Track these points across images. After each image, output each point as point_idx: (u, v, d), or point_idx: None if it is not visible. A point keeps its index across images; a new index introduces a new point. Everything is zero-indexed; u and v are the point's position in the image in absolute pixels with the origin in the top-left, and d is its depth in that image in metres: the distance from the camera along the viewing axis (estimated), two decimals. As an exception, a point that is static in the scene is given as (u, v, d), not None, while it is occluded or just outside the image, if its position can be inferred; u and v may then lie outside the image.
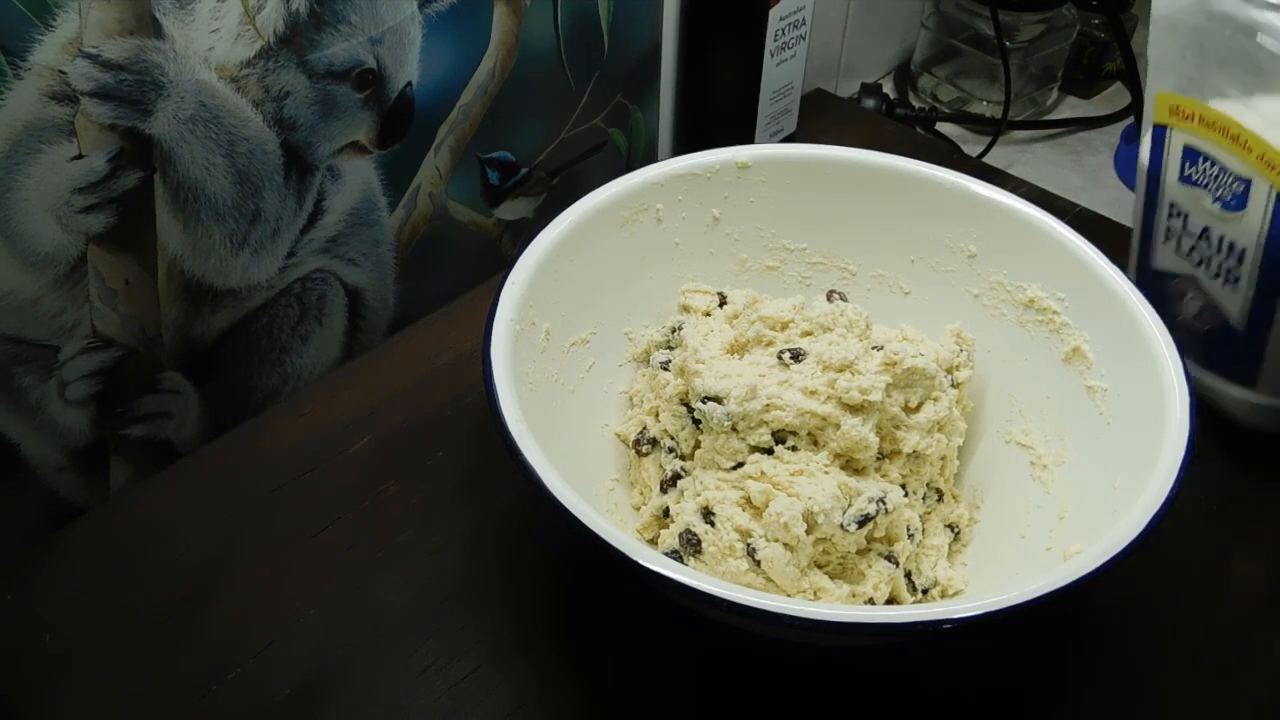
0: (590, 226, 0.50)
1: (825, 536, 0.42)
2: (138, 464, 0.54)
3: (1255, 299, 0.52)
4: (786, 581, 0.41)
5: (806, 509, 0.41)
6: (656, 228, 0.52)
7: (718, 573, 0.42)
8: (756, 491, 0.42)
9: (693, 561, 0.43)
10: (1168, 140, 0.56)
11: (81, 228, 0.47)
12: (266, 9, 0.48)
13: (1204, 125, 0.53)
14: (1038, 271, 0.49)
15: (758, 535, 0.42)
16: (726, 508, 0.43)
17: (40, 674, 0.45)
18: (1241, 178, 0.52)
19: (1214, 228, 0.54)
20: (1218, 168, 0.53)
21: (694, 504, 0.44)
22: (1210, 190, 0.54)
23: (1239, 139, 0.51)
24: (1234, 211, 0.53)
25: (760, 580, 0.42)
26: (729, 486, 0.44)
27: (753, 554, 0.41)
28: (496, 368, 0.42)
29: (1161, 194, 0.57)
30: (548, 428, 0.42)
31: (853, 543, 0.43)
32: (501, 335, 0.43)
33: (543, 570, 0.49)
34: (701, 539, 0.43)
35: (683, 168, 0.53)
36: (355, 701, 0.44)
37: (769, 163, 0.53)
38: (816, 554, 0.43)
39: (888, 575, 0.44)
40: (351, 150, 0.55)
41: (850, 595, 0.43)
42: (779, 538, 0.41)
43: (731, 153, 0.53)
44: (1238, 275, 0.53)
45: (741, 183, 0.53)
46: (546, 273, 0.47)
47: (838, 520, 0.42)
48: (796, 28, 0.68)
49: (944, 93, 0.91)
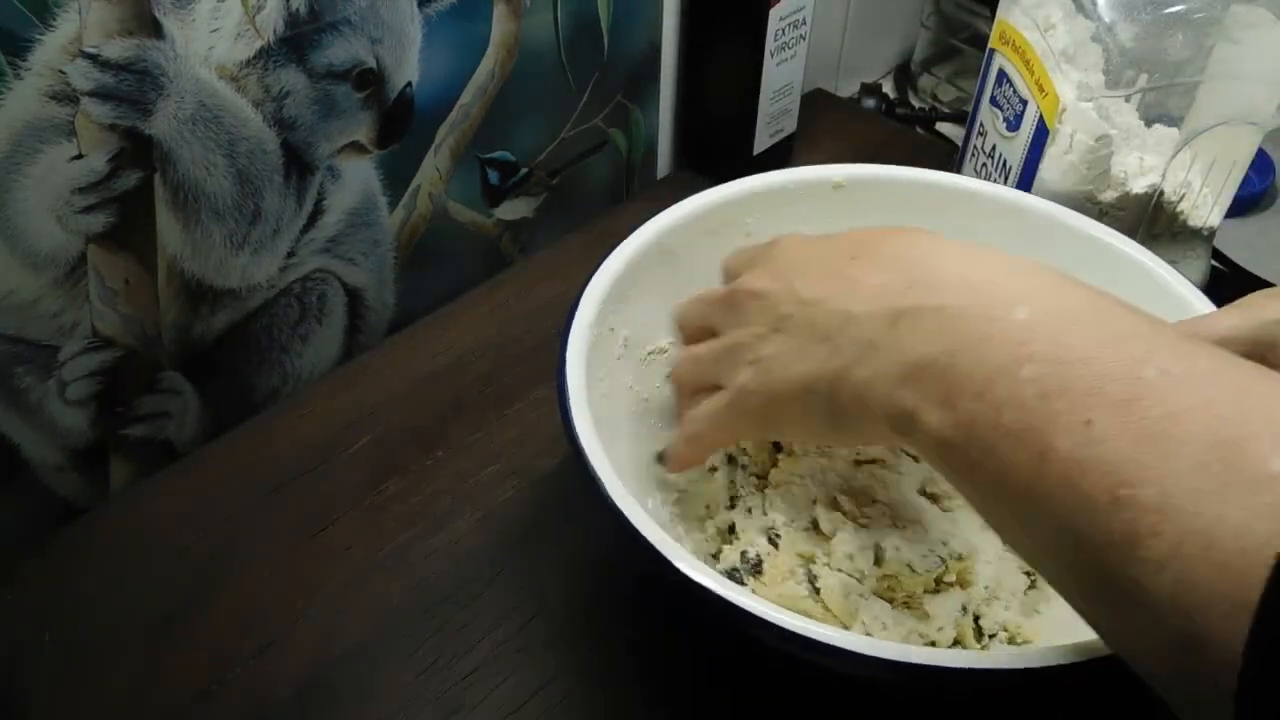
0: (674, 236, 0.49)
1: (893, 573, 0.41)
2: (138, 464, 0.54)
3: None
4: (844, 612, 0.40)
5: (876, 542, 0.40)
6: (746, 242, 0.51)
7: (776, 595, 0.41)
8: (825, 520, 0.41)
9: (752, 581, 0.42)
10: (993, 64, 0.59)
11: (81, 228, 0.47)
12: (266, 9, 0.48)
13: (1013, 49, 0.56)
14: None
15: (821, 562, 0.41)
16: (792, 531, 0.42)
17: (40, 673, 0.45)
18: (1023, 99, 0.55)
19: (999, 146, 0.58)
20: (1012, 89, 0.56)
21: (759, 523, 0.43)
22: (1003, 110, 0.58)
23: (1029, 63, 0.54)
24: (1012, 131, 0.56)
25: (818, 608, 0.40)
26: (799, 510, 0.43)
27: (813, 581, 0.40)
28: (571, 374, 0.41)
29: (978, 114, 0.61)
30: (616, 435, 0.41)
31: (920, 583, 0.42)
32: (579, 340, 0.43)
33: (544, 570, 0.49)
34: (763, 560, 0.42)
35: (775, 183, 0.52)
36: (355, 701, 0.44)
37: (863, 183, 0.52)
38: (881, 588, 0.41)
39: (954, 619, 0.42)
40: (351, 150, 0.55)
41: (911, 633, 0.41)
42: (843, 568, 0.40)
43: (826, 171, 0.52)
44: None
45: (834, 202, 0.52)
46: (627, 280, 0.46)
47: (906, 560, 0.41)
48: (796, 28, 0.68)
49: (944, 93, 0.91)
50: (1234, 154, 0.57)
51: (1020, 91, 0.55)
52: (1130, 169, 0.55)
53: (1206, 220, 0.60)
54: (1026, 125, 0.55)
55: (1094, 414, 0.27)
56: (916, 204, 0.52)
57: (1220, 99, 0.54)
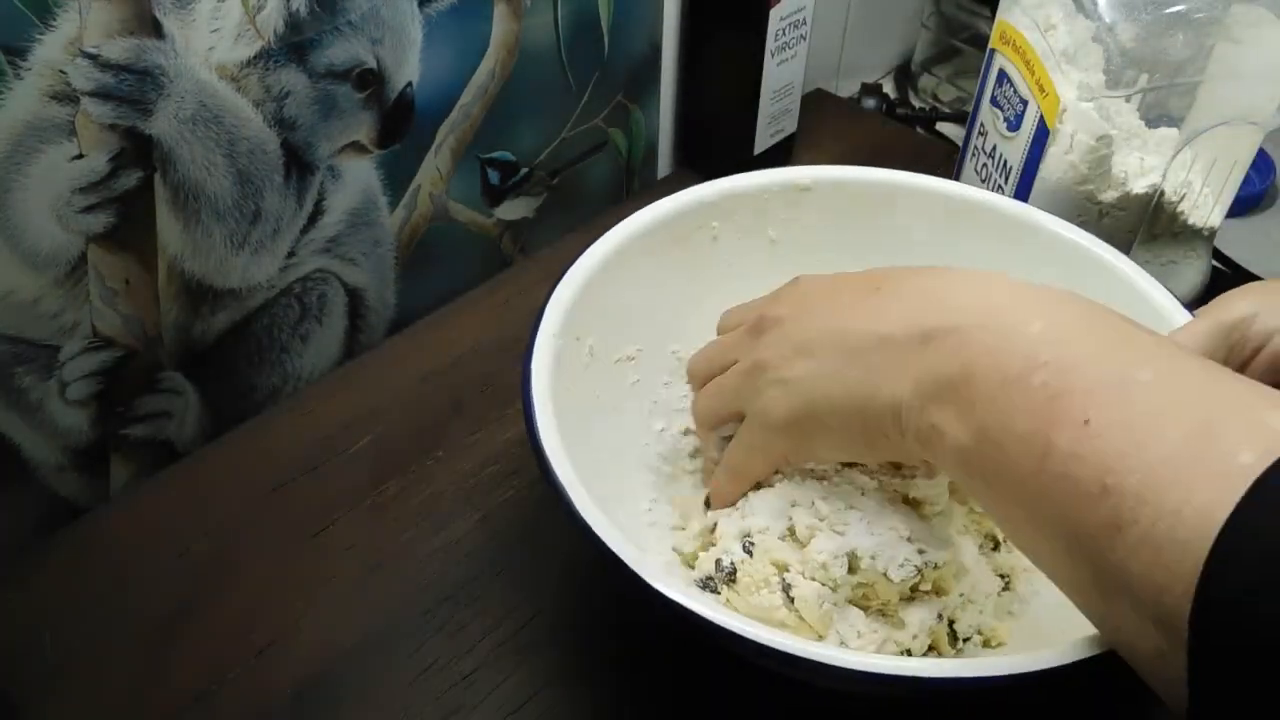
0: (641, 243, 0.48)
1: (868, 582, 0.41)
2: (138, 464, 0.54)
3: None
4: (818, 621, 0.40)
5: (851, 550, 0.40)
6: (712, 247, 0.51)
7: (750, 605, 0.41)
8: (803, 525, 0.41)
9: (726, 590, 0.42)
10: (993, 64, 0.59)
11: (82, 227, 0.47)
12: (267, 9, 0.48)
13: (1013, 49, 0.56)
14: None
15: (795, 570, 0.40)
16: (767, 538, 0.41)
17: (40, 674, 0.45)
18: (1023, 99, 0.55)
19: (999, 146, 0.58)
20: (1012, 89, 0.57)
21: (736, 528, 0.42)
22: (1003, 110, 0.58)
23: (1029, 64, 0.55)
24: (1012, 131, 0.57)
25: (793, 617, 0.40)
26: (775, 516, 0.42)
27: (787, 590, 0.40)
28: (536, 386, 0.41)
29: (978, 114, 0.61)
30: (586, 445, 0.41)
31: (895, 592, 0.41)
32: (544, 351, 0.42)
33: (544, 570, 0.49)
34: (737, 568, 0.41)
35: (740, 187, 0.51)
36: (355, 701, 0.44)
37: (830, 185, 0.52)
38: (856, 596, 0.41)
39: (929, 627, 0.41)
40: (352, 150, 0.55)
41: (886, 641, 0.41)
42: (816, 576, 0.40)
43: (792, 174, 0.52)
44: (1002, 190, 0.58)
45: (801, 205, 0.52)
46: (593, 288, 0.46)
47: (882, 568, 0.40)
48: (797, 28, 0.68)
49: (944, 93, 0.91)
50: (1234, 154, 0.57)
51: (1021, 92, 0.56)
52: (1131, 169, 0.55)
53: (1207, 220, 0.60)
54: (1027, 125, 0.55)
55: (1091, 413, 0.29)
56: (884, 205, 0.52)
57: (1221, 99, 0.54)
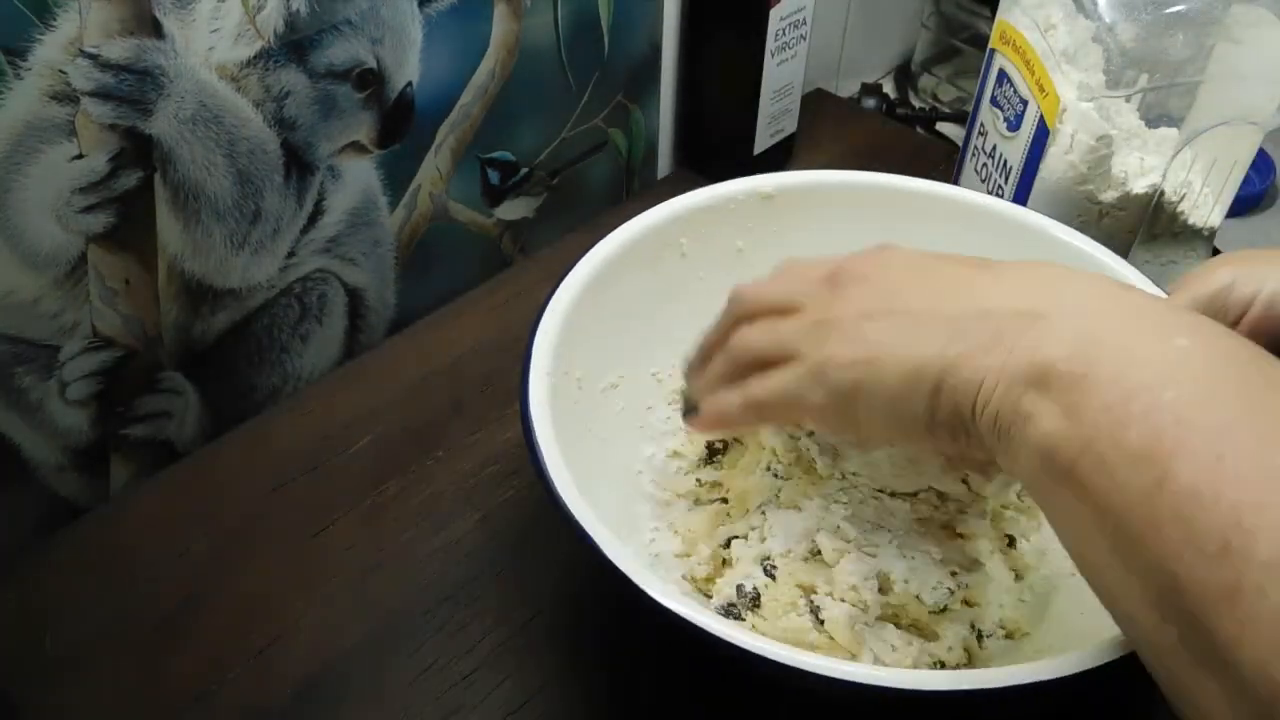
0: (616, 266, 0.48)
1: (899, 604, 0.40)
2: (138, 464, 0.54)
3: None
4: (851, 642, 0.39)
5: (882, 572, 0.39)
6: (681, 263, 0.50)
7: (779, 629, 0.40)
8: (830, 548, 0.40)
9: (750, 616, 0.41)
10: (993, 64, 0.59)
11: (82, 228, 0.47)
12: (267, 9, 0.48)
13: (1013, 49, 0.57)
14: None
15: (823, 592, 0.40)
16: (790, 561, 0.40)
17: (40, 673, 0.45)
18: (1023, 99, 0.55)
19: (999, 146, 0.59)
20: (1012, 89, 0.57)
21: (754, 552, 0.41)
22: (1003, 110, 0.58)
23: (1029, 64, 0.55)
24: (1012, 131, 0.57)
25: (823, 639, 0.39)
26: (796, 539, 0.41)
27: (816, 612, 0.39)
28: (541, 435, 0.39)
29: (978, 114, 0.62)
30: (589, 481, 0.39)
31: (926, 610, 0.40)
32: (539, 389, 0.41)
33: (544, 570, 0.49)
34: (760, 593, 0.40)
35: (703, 201, 0.51)
36: (355, 701, 0.44)
37: (793, 192, 0.52)
38: (886, 615, 0.40)
39: (962, 638, 0.41)
40: (352, 150, 0.55)
41: (921, 655, 0.40)
42: (846, 598, 0.39)
43: (755, 182, 0.51)
44: (1002, 190, 0.58)
45: (765, 213, 0.52)
46: (575, 317, 0.45)
47: (915, 591, 0.39)
48: (797, 28, 0.68)
49: (944, 93, 0.91)
50: (1234, 154, 0.57)
51: (1021, 92, 0.56)
52: (1131, 169, 0.55)
53: (1207, 220, 0.60)
54: (1027, 125, 0.55)
55: (1228, 450, 0.26)
56: (850, 209, 0.52)
57: (1221, 99, 0.54)
